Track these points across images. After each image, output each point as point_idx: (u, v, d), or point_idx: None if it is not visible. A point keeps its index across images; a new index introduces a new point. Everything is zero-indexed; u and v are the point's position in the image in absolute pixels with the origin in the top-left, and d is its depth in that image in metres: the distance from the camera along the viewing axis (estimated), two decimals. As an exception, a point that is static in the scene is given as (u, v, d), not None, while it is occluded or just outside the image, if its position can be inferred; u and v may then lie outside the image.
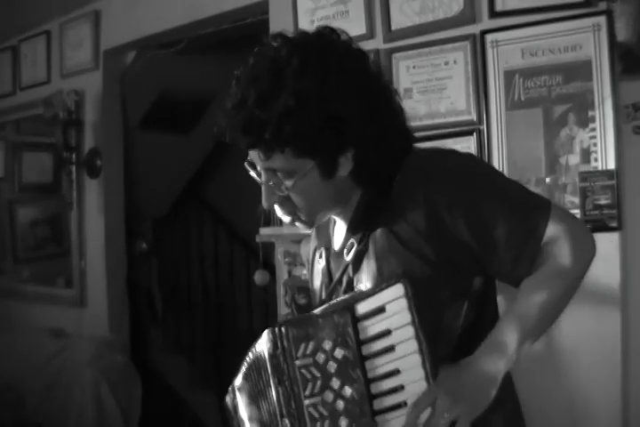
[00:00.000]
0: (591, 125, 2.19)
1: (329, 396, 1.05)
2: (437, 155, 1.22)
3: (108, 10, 3.87)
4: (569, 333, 2.13)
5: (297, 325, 1.09)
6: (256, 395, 1.18)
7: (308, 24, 2.85)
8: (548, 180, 2.28)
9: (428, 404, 1.03)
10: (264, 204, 1.24)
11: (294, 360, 1.07)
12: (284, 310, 2.94)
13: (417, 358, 1.03)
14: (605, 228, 2.15)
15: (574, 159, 2.23)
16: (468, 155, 1.24)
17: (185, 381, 4.28)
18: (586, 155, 2.21)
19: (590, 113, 2.19)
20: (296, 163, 1.16)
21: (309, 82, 1.12)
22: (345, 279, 1.23)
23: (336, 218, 1.33)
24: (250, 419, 1.22)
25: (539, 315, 1.12)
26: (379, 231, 1.19)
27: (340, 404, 1.05)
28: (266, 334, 1.12)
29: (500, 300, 1.26)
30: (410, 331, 1.04)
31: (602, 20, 2.17)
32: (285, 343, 1.08)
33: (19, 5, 3.91)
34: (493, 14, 2.37)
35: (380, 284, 1.10)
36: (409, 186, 1.18)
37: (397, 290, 1.05)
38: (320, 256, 1.34)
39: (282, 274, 2.98)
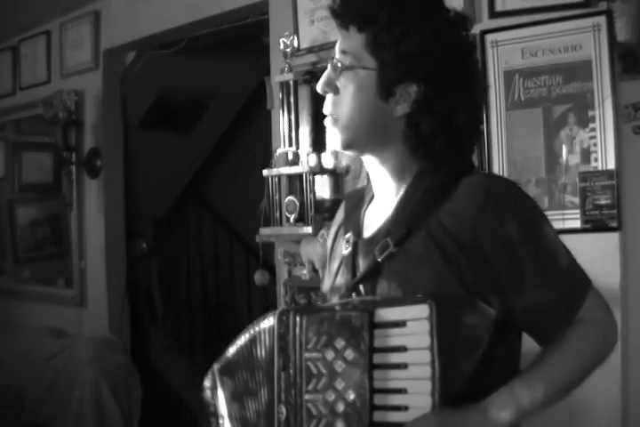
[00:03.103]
0: (591, 125, 2.19)
1: (331, 395, 1.02)
2: (503, 179, 1.19)
3: (108, 10, 3.87)
4: (569, 333, 2.13)
5: (312, 315, 1.05)
6: (251, 367, 1.15)
7: (307, 24, 2.85)
8: (547, 180, 2.28)
9: None
10: (318, 84, 1.23)
11: (303, 351, 1.04)
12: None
13: (428, 385, 0.99)
14: (605, 228, 2.16)
15: (574, 159, 2.23)
16: (531, 198, 1.19)
17: (185, 381, 4.28)
18: (586, 155, 2.21)
19: (590, 113, 2.19)
20: (362, 54, 1.17)
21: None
22: (370, 277, 1.18)
23: (378, 193, 1.27)
24: (233, 394, 1.18)
25: (554, 385, 1.10)
26: (420, 234, 1.13)
27: (341, 406, 1.02)
28: (278, 316, 1.08)
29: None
30: (427, 356, 1.00)
31: (602, 20, 2.17)
32: (297, 331, 1.05)
33: (19, 5, 3.91)
34: (493, 14, 2.37)
35: (406, 296, 1.06)
36: (463, 200, 1.12)
37: (422, 310, 1.00)
38: (347, 241, 1.27)
39: (282, 274, 2.98)
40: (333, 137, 1.24)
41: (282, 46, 2.82)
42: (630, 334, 2.13)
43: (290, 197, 2.81)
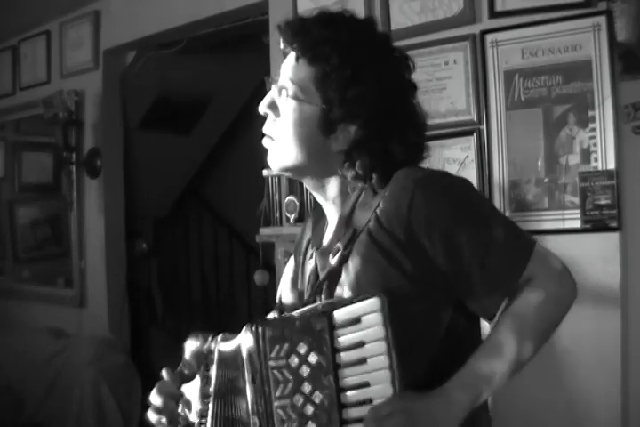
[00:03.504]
0: (591, 125, 2.19)
1: (299, 399, 1.06)
2: (432, 171, 1.20)
3: (108, 10, 3.87)
4: (569, 333, 2.14)
5: (273, 325, 1.09)
6: (231, 379, 1.18)
7: (307, 24, 2.85)
8: (547, 179, 2.28)
9: (385, 415, 1.03)
10: (260, 105, 1.26)
11: (268, 360, 1.08)
12: (283, 310, 2.93)
13: (387, 374, 1.04)
14: (605, 228, 2.16)
15: (574, 159, 2.23)
16: (463, 179, 1.21)
17: (185, 381, 4.27)
18: (586, 155, 2.21)
19: (590, 113, 2.19)
20: (309, 87, 1.20)
21: (358, 36, 1.21)
22: (327, 283, 1.22)
23: (327, 215, 1.32)
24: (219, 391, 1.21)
25: (512, 358, 1.10)
26: (362, 235, 1.18)
27: (310, 409, 1.06)
28: (244, 331, 1.12)
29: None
30: (382, 346, 1.04)
31: (602, 20, 2.17)
32: (261, 342, 1.08)
33: (19, 5, 3.91)
34: (493, 14, 2.37)
35: (358, 294, 1.10)
36: (394, 193, 1.16)
37: (374, 303, 1.05)
38: (311, 256, 1.32)
39: (282, 274, 2.97)
40: (270, 158, 1.27)
41: (282, 46, 2.82)
42: (630, 334, 2.13)
43: (290, 197, 2.81)
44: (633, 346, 2.13)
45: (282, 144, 1.24)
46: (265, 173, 2.88)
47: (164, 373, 1.29)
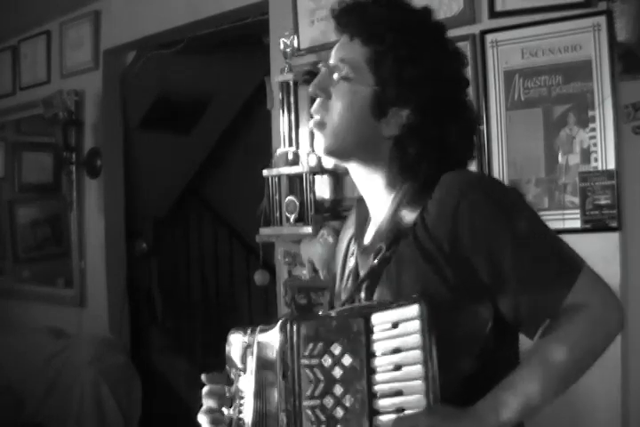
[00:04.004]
0: (591, 125, 2.19)
1: (329, 401, 1.03)
2: (481, 177, 1.17)
3: (108, 10, 3.88)
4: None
5: (309, 323, 1.06)
6: (264, 374, 1.15)
7: (307, 24, 2.85)
8: (547, 180, 2.28)
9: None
10: (311, 86, 1.22)
11: (300, 358, 1.04)
12: (284, 310, 2.94)
13: (421, 385, 0.99)
14: (605, 228, 2.16)
15: (574, 159, 2.23)
16: (514, 189, 1.17)
17: (185, 381, 4.28)
18: (586, 155, 2.21)
19: (590, 113, 2.19)
20: (363, 68, 1.17)
21: (415, 19, 1.19)
22: (367, 284, 1.18)
23: (370, 210, 1.28)
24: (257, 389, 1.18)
25: (548, 382, 1.08)
26: (407, 237, 1.14)
27: (340, 412, 1.02)
28: (279, 325, 1.09)
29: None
30: (419, 355, 0.99)
31: (602, 20, 2.17)
32: (295, 339, 1.05)
33: (19, 5, 3.91)
34: (493, 14, 2.37)
35: (397, 297, 1.07)
36: (441, 197, 1.12)
37: (413, 310, 1.00)
38: (352, 254, 1.29)
39: (282, 274, 2.98)
40: (317, 141, 1.23)
41: (282, 46, 2.82)
42: (630, 334, 2.13)
43: (290, 197, 2.81)
44: (633, 346, 2.13)
45: (331, 126, 1.20)
46: (265, 172, 2.88)
47: (204, 377, 1.27)
